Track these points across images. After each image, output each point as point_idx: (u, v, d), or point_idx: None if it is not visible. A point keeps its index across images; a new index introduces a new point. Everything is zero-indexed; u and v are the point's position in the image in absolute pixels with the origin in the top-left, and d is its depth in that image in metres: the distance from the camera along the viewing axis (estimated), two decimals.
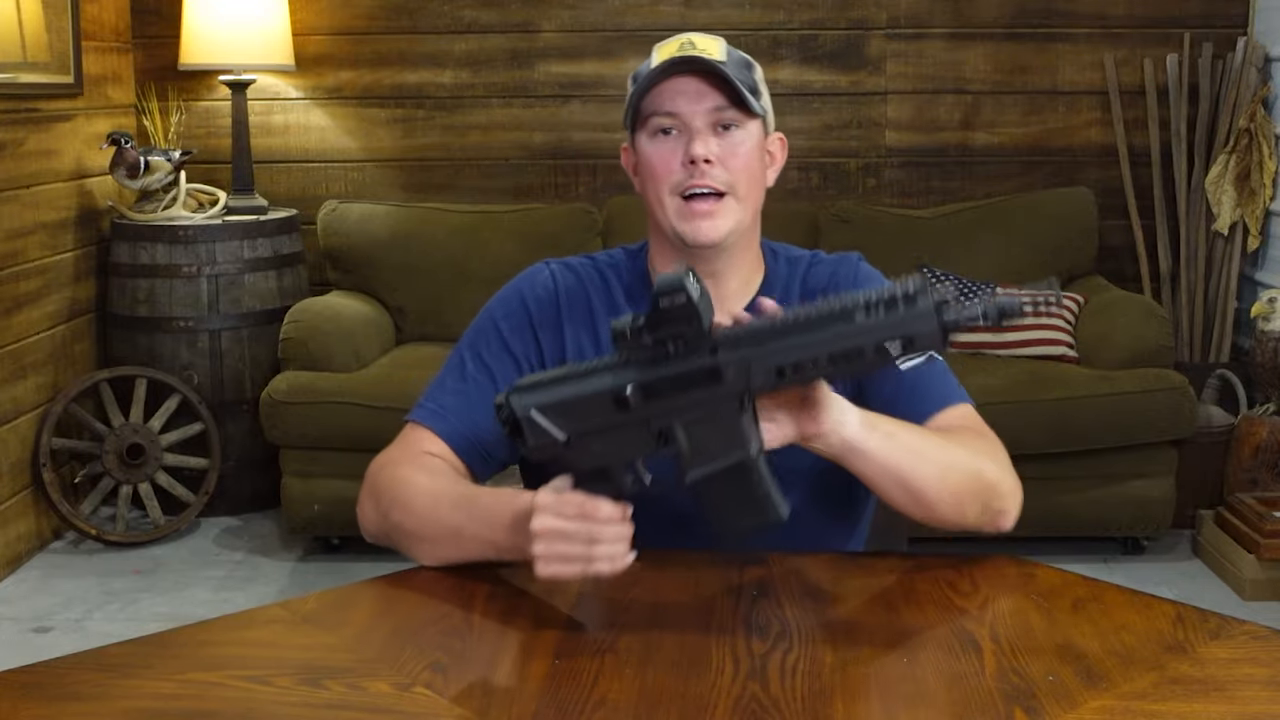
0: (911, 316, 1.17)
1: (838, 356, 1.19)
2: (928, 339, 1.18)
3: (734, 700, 1.12)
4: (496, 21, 4.24)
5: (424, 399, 1.57)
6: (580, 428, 1.26)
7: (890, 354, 1.18)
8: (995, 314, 1.18)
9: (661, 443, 1.26)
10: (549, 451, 1.27)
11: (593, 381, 1.26)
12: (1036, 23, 4.20)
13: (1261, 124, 3.91)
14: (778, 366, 1.21)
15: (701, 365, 1.22)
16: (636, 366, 1.24)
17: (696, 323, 1.21)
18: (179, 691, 1.16)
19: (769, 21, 4.20)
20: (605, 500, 1.26)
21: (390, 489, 1.47)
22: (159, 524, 3.75)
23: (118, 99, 4.17)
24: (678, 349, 1.22)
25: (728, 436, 1.24)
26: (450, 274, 3.94)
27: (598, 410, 1.25)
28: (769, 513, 1.25)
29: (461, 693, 1.15)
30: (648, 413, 1.24)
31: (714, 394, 1.22)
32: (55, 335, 3.77)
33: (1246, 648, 1.23)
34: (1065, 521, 3.51)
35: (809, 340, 1.20)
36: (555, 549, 1.26)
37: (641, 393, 1.24)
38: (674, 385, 1.23)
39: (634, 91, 1.51)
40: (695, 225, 1.48)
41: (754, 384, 1.22)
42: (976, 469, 1.41)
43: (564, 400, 1.26)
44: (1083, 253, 4.04)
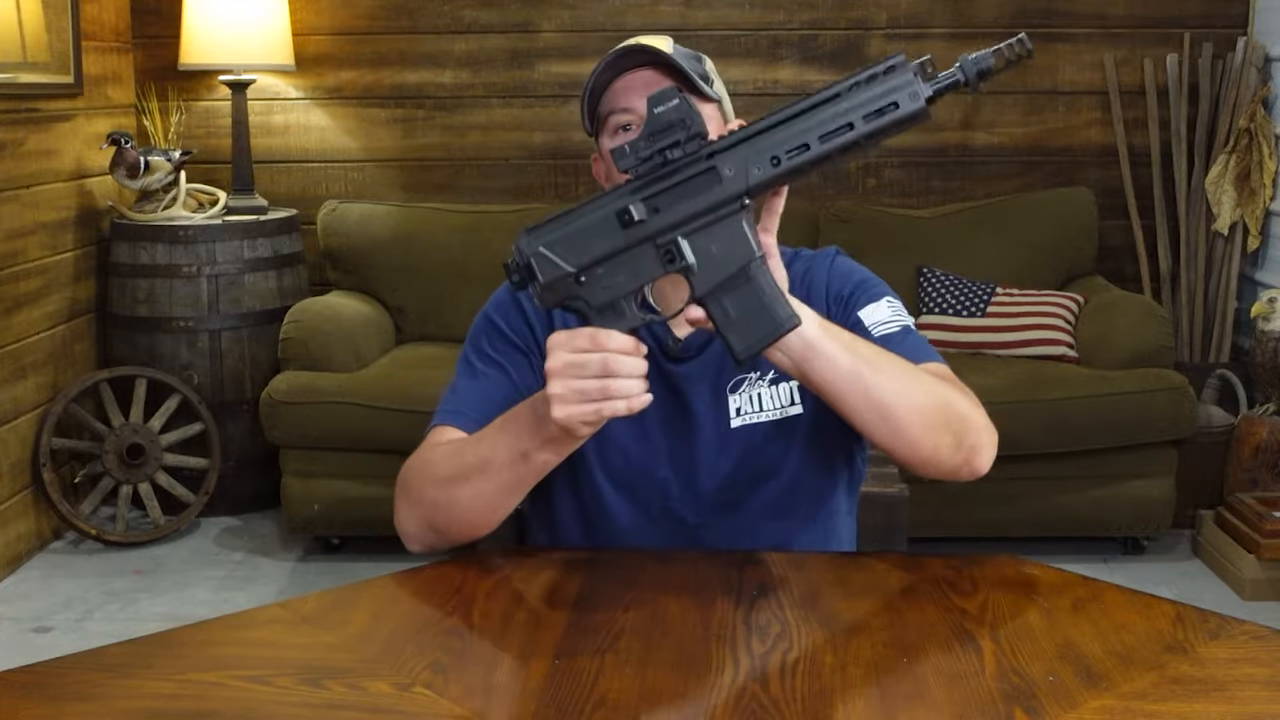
0: (894, 85, 1.21)
1: (829, 135, 1.22)
2: (909, 100, 1.21)
3: (734, 700, 1.12)
4: (496, 21, 4.24)
5: (442, 404, 1.57)
6: (589, 257, 1.27)
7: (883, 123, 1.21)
8: (973, 73, 1.22)
9: (668, 260, 1.26)
10: (561, 291, 1.28)
11: (596, 207, 1.27)
12: (1036, 23, 4.20)
13: (1261, 124, 3.91)
14: (772, 156, 1.23)
15: (700, 168, 1.25)
16: (637, 184, 1.26)
17: (692, 125, 1.24)
18: (179, 691, 1.16)
19: (769, 21, 4.20)
20: (617, 331, 1.26)
21: (415, 473, 1.48)
22: (159, 524, 3.75)
23: (118, 99, 4.17)
24: (676, 156, 1.24)
25: (732, 242, 1.25)
26: (450, 274, 3.94)
27: (605, 234, 1.26)
28: (780, 316, 1.26)
29: (461, 693, 1.15)
30: (653, 228, 1.26)
31: (715, 196, 1.24)
32: (55, 335, 3.77)
33: (1246, 648, 1.23)
34: (1065, 521, 3.51)
35: (800, 126, 1.23)
36: (570, 385, 1.25)
37: (645, 206, 1.25)
38: (675, 194, 1.25)
39: (587, 97, 1.53)
40: None
41: (752, 179, 1.24)
42: (946, 397, 1.40)
43: (571, 231, 1.27)
44: (1083, 253, 4.04)
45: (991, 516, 3.48)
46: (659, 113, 1.24)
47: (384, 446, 3.32)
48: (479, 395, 1.53)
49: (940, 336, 3.73)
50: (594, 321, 1.28)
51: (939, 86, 1.22)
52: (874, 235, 3.96)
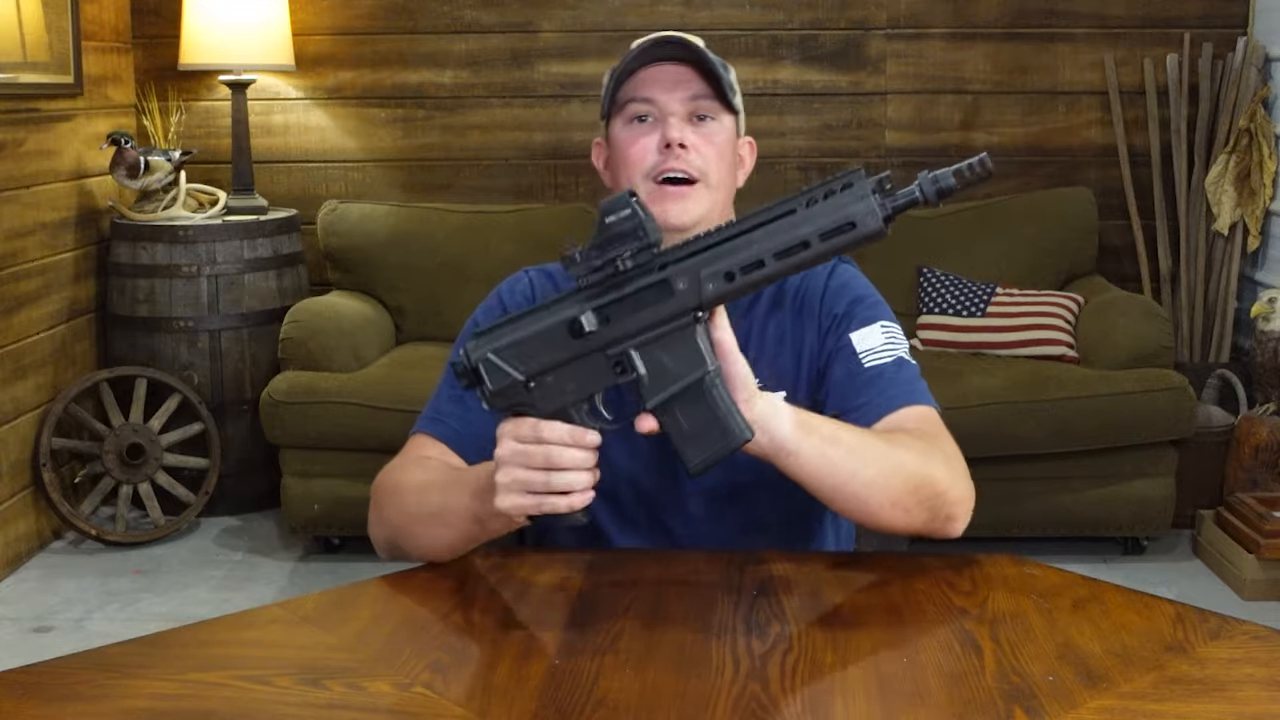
0: (850, 200, 1.19)
1: (783, 251, 1.20)
2: (867, 219, 1.18)
3: (734, 700, 1.12)
4: (496, 21, 4.24)
5: (424, 411, 1.58)
6: (539, 365, 1.26)
7: (839, 242, 1.19)
8: (932, 192, 1.19)
9: (619, 372, 1.25)
10: (511, 397, 1.27)
11: (547, 315, 1.26)
12: (1036, 23, 4.20)
13: (1261, 124, 3.91)
14: (726, 270, 1.21)
15: (652, 280, 1.23)
16: (587, 293, 1.24)
17: (644, 236, 1.22)
18: (179, 691, 1.16)
19: (769, 21, 4.20)
20: (560, 424, 1.25)
21: (387, 495, 1.49)
22: (159, 524, 3.75)
23: (118, 99, 4.17)
24: (627, 267, 1.22)
25: (684, 355, 1.24)
26: (450, 274, 3.94)
27: (554, 343, 1.25)
28: (733, 433, 1.24)
29: (461, 693, 1.15)
30: (604, 339, 1.24)
31: (667, 309, 1.23)
32: (55, 335, 3.77)
33: (1246, 648, 1.23)
34: (1065, 521, 3.51)
35: (754, 240, 1.21)
36: (515, 475, 1.25)
37: (595, 317, 1.24)
38: (627, 305, 1.23)
39: (612, 78, 1.51)
40: (665, 208, 1.47)
41: (705, 294, 1.22)
42: (924, 474, 1.37)
43: (520, 338, 1.26)
44: (1083, 253, 4.04)
45: (991, 516, 3.47)
46: (610, 222, 1.21)
47: (384, 446, 3.29)
48: (458, 407, 1.53)
49: (940, 336, 3.73)
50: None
51: (897, 204, 1.19)
52: None
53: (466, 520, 1.37)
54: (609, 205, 1.22)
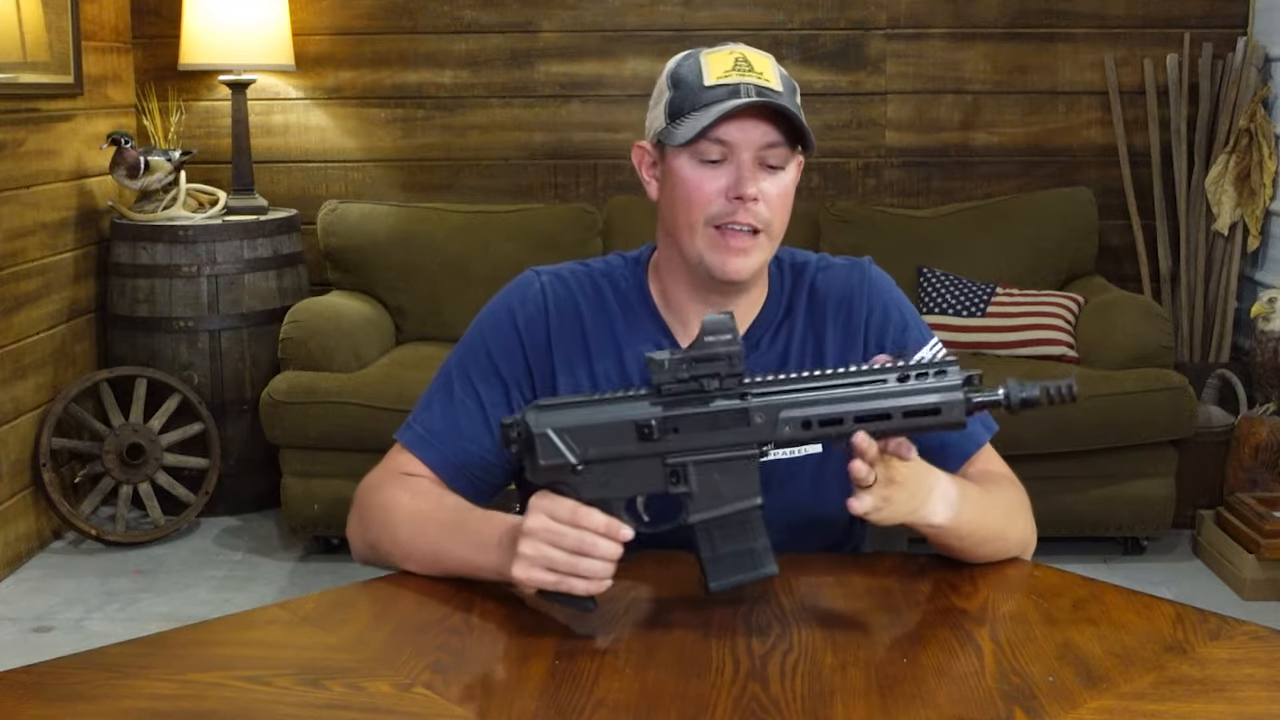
0: (939, 387, 1.24)
1: (864, 416, 1.24)
2: (952, 410, 1.24)
3: (734, 700, 1.12)
4: (496, 21, 4.24)
5: (413, 418, 1.54)
6: (595, 454, 1.26)
7: (918, 424, 1.25)
8: (1017, 401, 1.26)
9: (672, 481, 1.26)
10: (555, 475, 1.27)
11: (617, 409, 1.26)
12: (1036, 23, 4.20)
13: (1261, 124, 3.91)
14: (805, 419, 1.24)
15: (731, 406, 1.25)
16: (664, 400, 1.25)
17: (736, 364, 1.24)
18: (179, 691, 1.16)
19: (769, 21, 4.20)
20: (599, 512, 1.25)
21: (375, 512, 1.47)
22: (159, 524, 3.75)
23: (118, 99, 4.17)
24: (712, 388, 1.24)
25: (739, 483, 1.26)
26: (450, 274, 3.94)
27: (617, 438, 1.25)
28: (761, 566, 1.27)
29: (461, 693, 1.15)
30: (667, 447, 1.25)
31: (737, 437, 1.25)
32: (55, 335, 3.77)
33: (1246, 648, 1.23)
34: (1065, 521, 3.51)
35: (839, 397, 1.25)
36: (541, 550, 1.25)
37: (666, 425, 1.25)
38: (700, 423, 1.25)
39: (679, 102, 1.43)
40: (725, 259, 1.43)
41: (779, 435, 1.25)
42: (1013, 540, 1.45)
43: (585, 424, 1.26)
44: (1083, 253, 4.04)
45: None
46: (709, 341, 1.24)
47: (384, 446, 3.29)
48: (450, 429, 1.51)
49: (940, 337, 3.71)
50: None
51: (981, 402, 1.26)
52: (874, 235, 3.96)
53: (459, 565, 1.37)
54: (713, 325, 1.24)
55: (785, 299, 1.55)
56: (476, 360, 1.53)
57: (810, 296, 1.54)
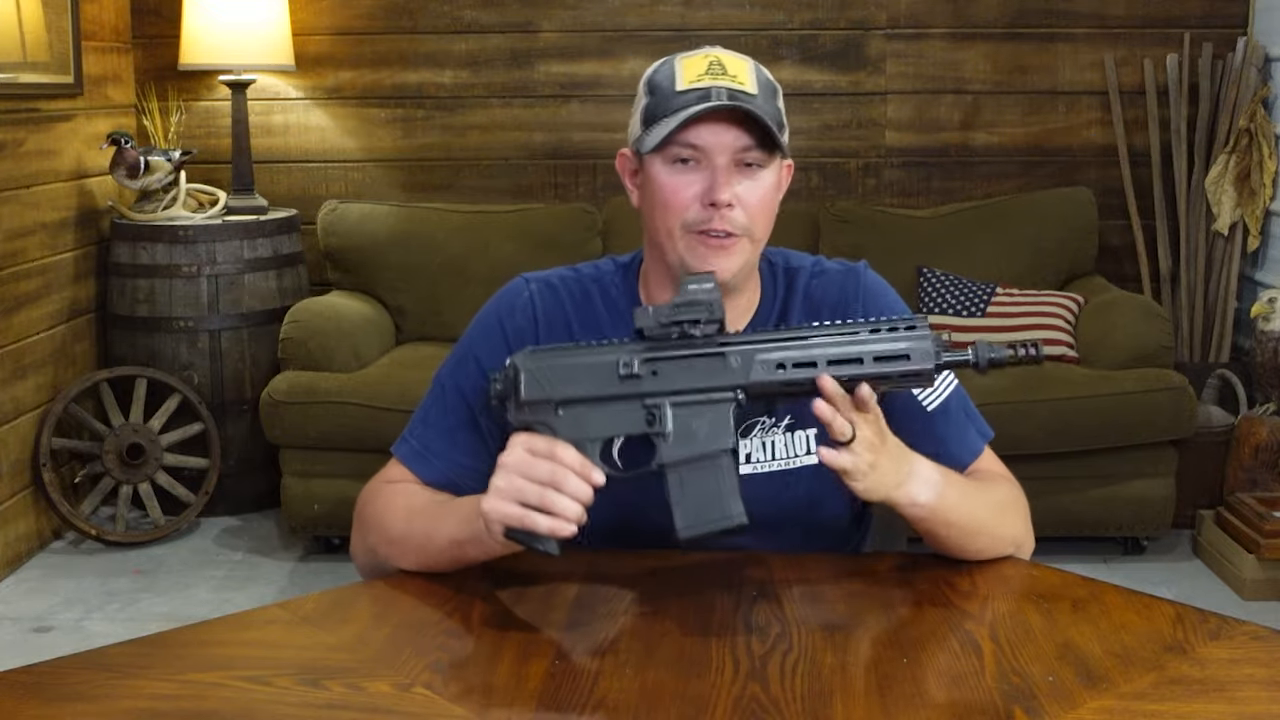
0: (911, 340, 1.28)
1: (837, 360, 1.28)
2: (922, 358, 1.27)
3: (734, 700, 1.12)
4: (496, 21, 4.24)
5: (409, 431, 1.55)
6: (576, 392, 1.30)
7: (889, 369, 1.28)
8: (985, 360, 1.30)
9: (649, 423, 1.29)
10: (537, 413, 1.30)
11: (601, 352, 1.32)
12: (1036, 23, 4.20)
13: (1261, 124, 3.91)
14: (779, 361, 1.29)
15: (710, 350, 1.30)
16: (647, 344, 1.30)
17: (716, 311, 1.29)
18: (179, 691, 1.16)
19: (769, 21, 4.20)
20: (574, 449, 1.28)
21: (371, 517, 1.49)
22: (159, 524, 3.75)
23: (118, 99, 4.17)
24: (693, 334, 1.29)
25: (714, 426, 1.29)
26: (450, 274, 3.94)
27: (599, 377, 1.30)
28: (729, 510, 1.28)
29: (461, 693, 1.15)
30: (646, 388, 1.30)
31: (714, 379, 1.29)
32: (55, 335, 3.77)
33: (1246, 648, 1.23)
34: (1065, 521, 3.51)
35: (812, 343, 1.29)
36: (513, 482, 1.27)
37: (646, 365, 1.29)
38: (679, 365, 1.29)
39: (653, 108, 1.43)
40: (705, 262, 1.42)
41: (753, 376, 1.29)
42: (1006, 536, 1.45)
43: (569, 363, 1.31)
44: (1083, 253, 4.04)
45: None
46: (691, 289, 1.30)
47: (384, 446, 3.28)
48: (446, 443, 1.51)
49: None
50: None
51: (950, 359, 1.30)
52: (874, 235, 3.96)
53: (447, 547, 1.38)
54: (694, 279, 1.31)
55: (779, 304, 1.54)
56: (467, 372, 1.53)
57: (805, 302, 1.54)
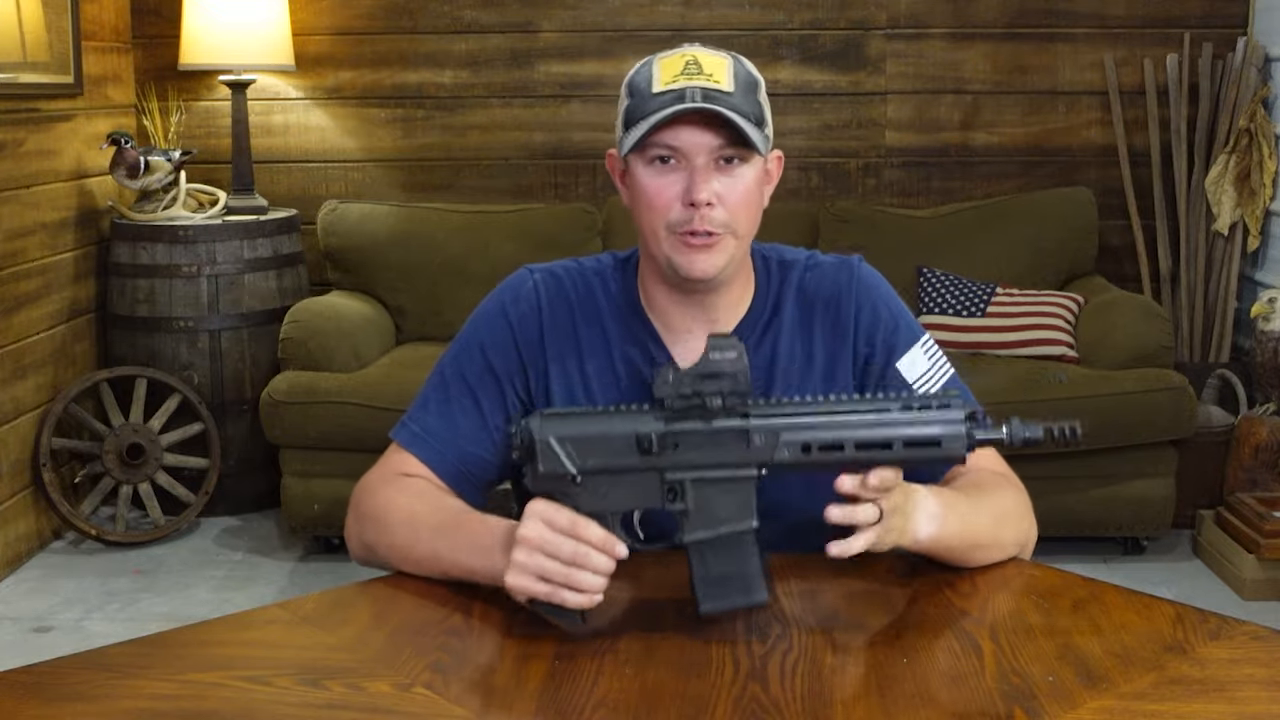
0: (942, 419, 1.25)
1: (865, 444, 1.24)
2: (953, 443, 1.25)
3: (734, 700, 1.12)
4: (496, 21, 4.24)
5: (408, 417, 1.54)
6: (595, 464, 1.26)
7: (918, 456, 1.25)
8: (1020, 439, 1.29)
9: (669, 498, 1.26)
10: (555, 485, 1.27)
11: (620, 420, 1.27)
12: (1036, 23, 4.20)
13: (1261, 124, 3.91)
14: (805, 443, 1.25)
15: (732, 425, 1.25)
16: (667, 414, 1.26)
17: (740, 383, 1.24)
18: (179, 691, 1.16)
19: (769, 21, 4.20)
20: (597, 525, 1.25)
21: (371, 514, 1.47)
22: (159, 524, 3.75)
23: (118, 99, 4.17)
24: (715, 405, 1.25)
25: (737, 504, 1.26)
26: (450, 274, 3.94)
27: (617, 450, 1.26)
28: (753, 591, 1.26)
29: (461, 693, 1.15)
30: (665, 463, 1.26)
31: (736, 456, 1.25)
32: (55, 335, 3.77)
33: (1246, 648, 1.23)
34: (1065, 521, 3.51)
35: (840, 424, 1.25)
36: (536, 560, 1.24)
37: (667, 440, 1.25)
38: (700, 439, 1.25)
39: (632, 111, 1.43)
40: (690, 259, 1.43)
41: (778, 457, 1.25)
42: (1008, 543, 1.44)
43: (586, 434, 1.26)
44: (1083, 253, 4.04)
45: None
46: (715, 359, 1.25)
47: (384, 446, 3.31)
48: (447, 426, 1.51)
49: (940, 337, 3.71)
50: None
51: (983, 439, 1.27)
52: (874, 235, 3.96)
53: (453, 568, 1.37)
54: (719, 343, 1.25)
55: (772, 298, 1.54)
56: (471, 358, 1.54)
57: (798, 295, 1.54)
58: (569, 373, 1.52)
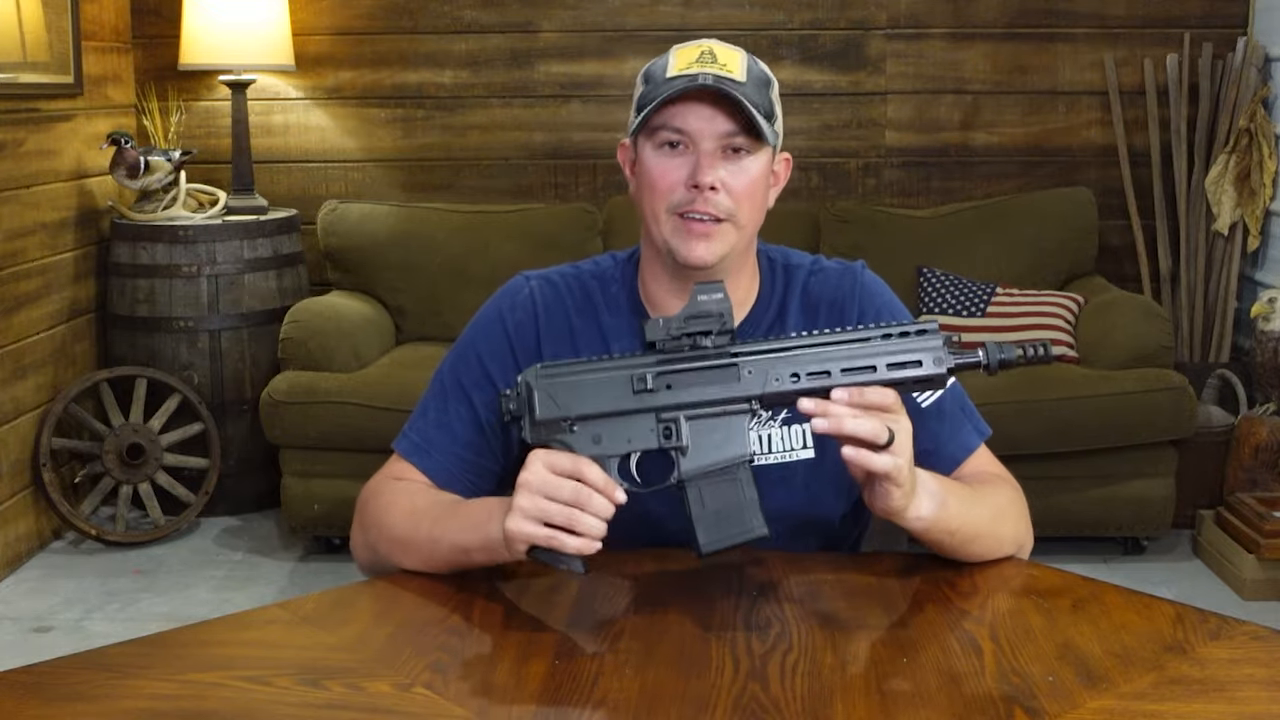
0: (922, 343, 1.28)
1: (850, 369, 1.28)
2: (932, 362, 1.28)
3: (734, 700, 1.12)
4: (496, 21, 4.24)
5: (409, 427, 1.55)
6: (590, 409, 1.29)
7: (903, 375, 1.28)
8: (995, 360, 1.30)
9: (665, 436, 1.29)
10: (551, 431, 1.29)
11: (613, 365, 1.31)
12: (1036, 23, 4.20)
13: (1261, 124, 3.91)
14: (793, 372, 1.28)
15: (723, 362, 1.29)
16: (659, 356, 1.30)
17: (727, 322, 1.29)
18: (179, 691, 1.16)
19: (769, 21, 4.20)
20: (598, 467, 1.26)
21: (372, 515, 1.48)
22: (159, 524, 3.75)
23: (118, 99, 4.17)
24: (704, 345, 1.29)
25: (729, 438, 1.29)
26: (450, 274, 3.94)
27: (612, 392, 1.29)
28: (749, 524, 1.28)
29: (461, 693, 1.15)
30: (660, 402, 1.29)
31: (729, 391, 1.29)
32: (55, 335, 3.77)
33: (1246, 648, 1.23)
34: (1065, 521, 3.51)
35: (826, 353, 1.29)
36: (537, 503, 1.25)
37: (660, 379, 1.29)
38: (693, 378, 1.29)
39: (644, 96, 1.45)
40: (690, 244, 1.44)
41: (768, 388, 1.28)
42: (1005, 538, 1.45)
43: (582, 380, 1.30)
44: (1083, 253, 4.04)
45: None
46: (702, 300, 1.29)
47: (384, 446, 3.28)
48: (446, 436, 1.52)
49: None
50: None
51: (961, 361, 1.30)
52: (874, 235, 3.96)
53: (452, 551, 1.37)
54: (705, 288, 1.30)
55: (777, 301, 1.55)
56: (468, 366, 1.54)
57: (803, 299, 1.55)
58: None
